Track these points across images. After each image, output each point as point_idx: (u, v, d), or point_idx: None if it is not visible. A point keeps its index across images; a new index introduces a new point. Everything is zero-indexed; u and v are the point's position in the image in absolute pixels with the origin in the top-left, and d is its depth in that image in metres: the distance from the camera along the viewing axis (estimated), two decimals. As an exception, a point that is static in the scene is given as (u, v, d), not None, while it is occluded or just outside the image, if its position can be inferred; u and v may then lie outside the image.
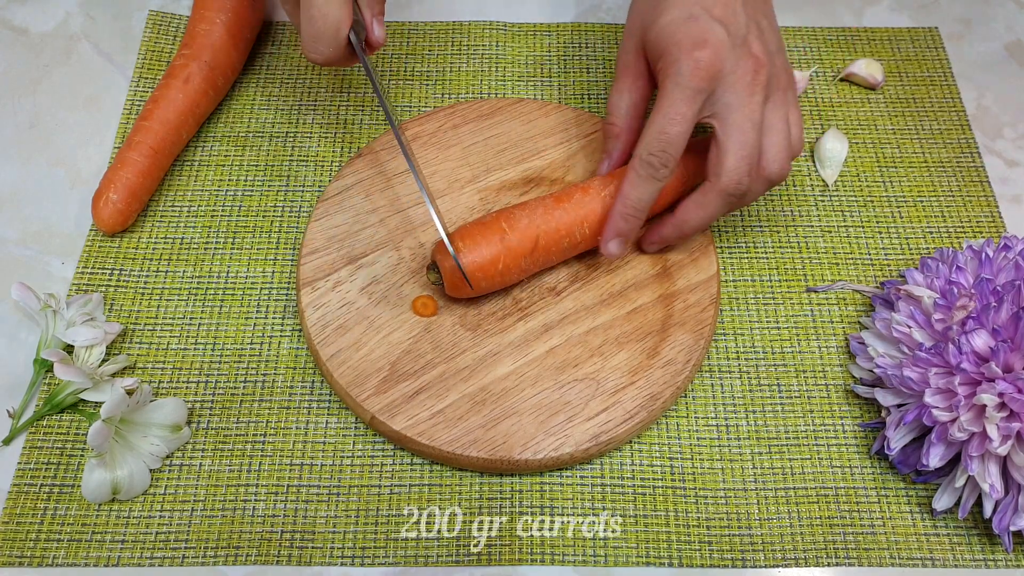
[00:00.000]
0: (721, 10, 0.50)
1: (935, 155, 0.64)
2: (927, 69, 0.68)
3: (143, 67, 0.66)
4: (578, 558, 0.50)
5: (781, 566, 0.50)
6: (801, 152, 0.54)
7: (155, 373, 0.54)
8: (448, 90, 0.66)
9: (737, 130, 0.50)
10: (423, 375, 0.52)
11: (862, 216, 0.62)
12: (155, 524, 0.50)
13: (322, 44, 0.50)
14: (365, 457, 0.52)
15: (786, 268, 0.59)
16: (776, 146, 0.51)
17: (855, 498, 0.52)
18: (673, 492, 0.52)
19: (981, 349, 0.48)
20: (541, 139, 0.61)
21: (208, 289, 0.57)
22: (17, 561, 0.49)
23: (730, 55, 0.49)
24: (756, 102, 0.50)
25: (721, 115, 0.50)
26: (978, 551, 0.51)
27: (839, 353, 0.56)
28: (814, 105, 0.66)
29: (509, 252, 0.52)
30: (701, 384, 0.55)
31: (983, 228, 0.61)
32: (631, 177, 0.51)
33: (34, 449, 0.52)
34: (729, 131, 0.50)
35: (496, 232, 0.52)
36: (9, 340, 0.55)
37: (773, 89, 0.51)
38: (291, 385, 0.54)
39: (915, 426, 0.51)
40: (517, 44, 0.68)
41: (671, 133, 0.49)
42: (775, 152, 0.51)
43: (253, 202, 0.61)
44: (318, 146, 0.63)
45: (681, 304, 0.55)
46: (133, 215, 0.58)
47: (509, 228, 0.52)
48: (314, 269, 0.55)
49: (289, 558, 0.49)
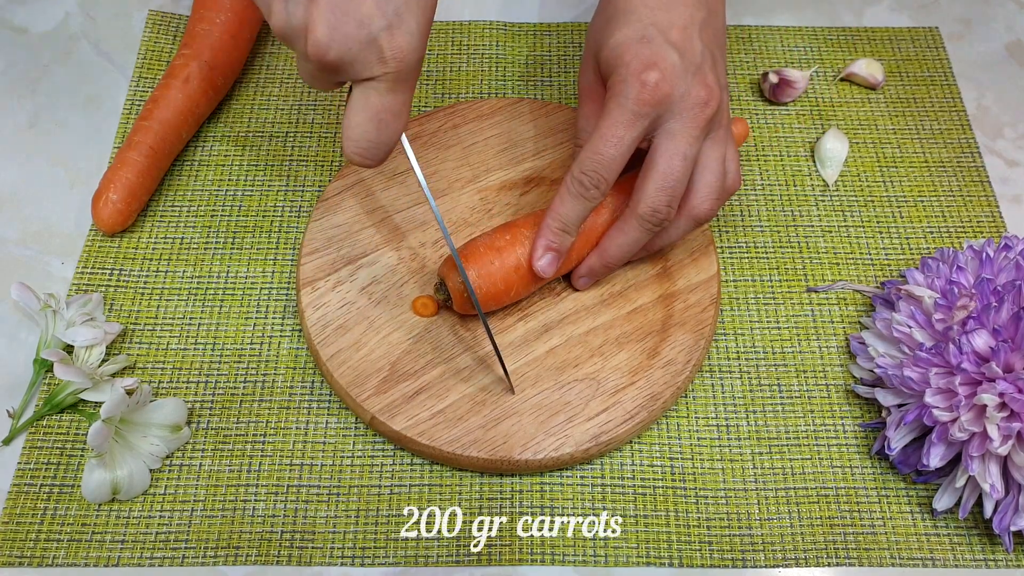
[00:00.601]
0: (678, 35, 0.48)
1: (935, 155, 0.64)
2: (927, 69, 0.68)
3: (143, 67, 0.66)
4: (578, 558, 0.50)
5: (781, 566, 0.50)
6: (736, 191, 0.53)
7: (155, 373, 0.54)
8: (448, 90, 0.66)
9: (667, 159, 0.48)
10: (423, 375, 0.52)
11: (862, 216, 0.61)
12: (155, 524, 0.50)
13: (384, 151, 0.46)
14: (365, 457, 0.52)
15: (786, 268, 0.59)
16: (708, 186, 0.50)
17: (855, 498, 0.52)
18: (673, 492, 0.52)
19: (982, 349, 0.48)
20: (541, 139, 0.61)
21: (208, 289, 0.57)
22: (17, 561, 0.49)
23: (681, 82, 0.48)
24: (696, 135, 0.48)
25: (658, 140, 0.49)
26: (978, 551, 0.51)
27: (839, 353, 0.56)
28: (814, 105, 0.66)
29: (521, 279, 0.52)
30: (701, 384, 0.55)
31: (983, 228, 0.61)
32: (562, 192, 0.50)
33: (34, 449, 0.52)
34: (658, 158, 0.49)
35: (510, 253, 0.51)
36: (9, 340, 0.55)
37: (716, 125, 0.50)
38: (291, 385, 0.54)
39: (915, 426, 0.51)
40: (517, 44, 0.68)
41: (605, 155, 0.48)
42: (706, 192, 0.50)
43: (253, 202, 0.61)
44: (318, 146, 0.63)
45: (681, 304, 0.55)
46: (133, 215, 0.58)
47: (520, 247, 0.52)
48: (314, 269, 0.55)
49: (289, 558, 0.49)
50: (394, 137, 0.45)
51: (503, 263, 0.51)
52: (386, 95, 0.43)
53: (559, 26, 0.69)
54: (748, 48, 0.69)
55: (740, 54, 0.68)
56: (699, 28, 0.49)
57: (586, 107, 0.53)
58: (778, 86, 0.65)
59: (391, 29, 0.41)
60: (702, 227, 0.56)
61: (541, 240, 0.51)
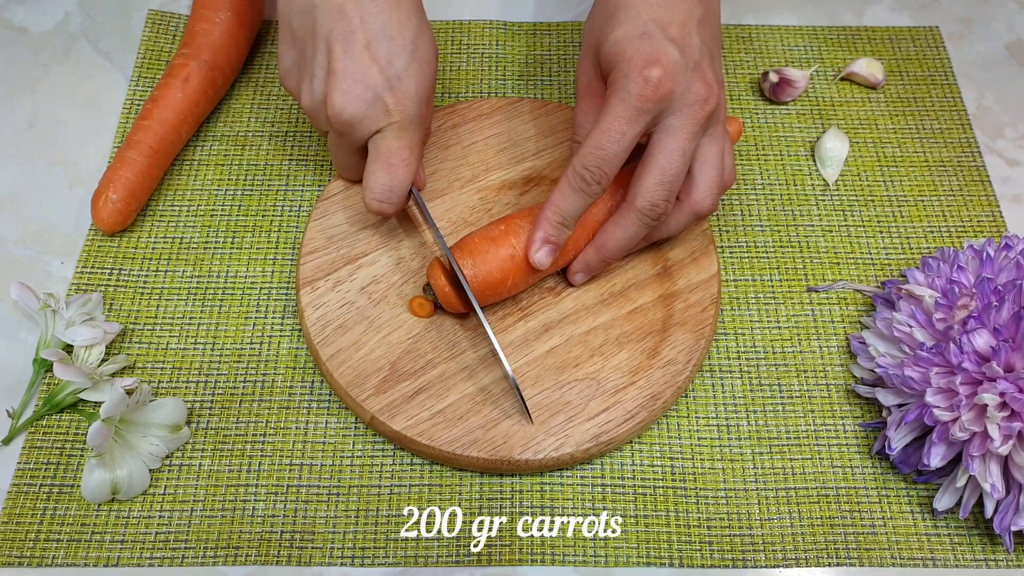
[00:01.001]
0: (677, 31, 0.49)
1: (936, 154, 0.64)
2: (928, 68, 0.68)
3: (142, 66, 0.66)
4: (578, 558, 0.50)
5: (782, 566, 0.50)
6: (732, 185, 0.53)
7: (155, 373, 0.54)
8: (448, 90, 0.66)
9: (666, 154, 0.49)
10: (423, 375, 0.52)
11: (863, 215, 0.61)
12: (155, 524, 0.50)
13: (397, 195, 0.52)
14: (365, 457, 0.52)
15: (787, 268, 0.59)
16: (709, 180, 0.51)
17: (856, 498, 0.52)
18: (674, 492, 0.52)
19: (982, 349, 0.48)
20: (541, 139, 0.61)
21: (208, 289, 0.57)
22: (17, 561, 0.49)
23: (681, 78, 0.48)
24: (695, 131, 0.49)
25: (657, 136, 0.49)
26: (979, 551, 0.51)
27: (840, 353, 0.56)
28: (815, 105, 0.66)
29: (517, 268, 0.52)
30: (702, 384, 0.55)
31: (984, 227, 0.61)
32: (563, 186, 0.50)
33: (34, 449, 0.52)
34: (657, 153, 0.49)
35: (504, 243, 0.52)
36: (9, 340, 0.55)
37: (714, 121, 0.50)
38: (291, 385, 0.54)
39: (916, 426, 0.51)
40: (517, 43, 0.68)
41: (607, 151, 0.48)
42: (707, 187, 0.51)
43: (253, 202, 0.61)
44: (318, 146, 0.63)
45: (682, 304, 0.55)
46: (133, 215, 0.58)
47: (515, 237, 0.52)
48: (314, 269, 0.55)
49: (289, 558, 0.49)
50: (405, 180, 0.51)
51: (498, 252, 0.51)
52: (392, 141, 0.51)
53: (559, 25, 0.69)
54: (748, 47, 0.69)
55: (740, 53, 0.68)
56: (697, 24, 0.50)
57: (584, 103, 0.53)
58: (778, 85, 0.65)
59: (393, 89, 0.50)
60: (700, 222, 0.56)
61: (539, 232, 0.51)
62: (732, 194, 0.62)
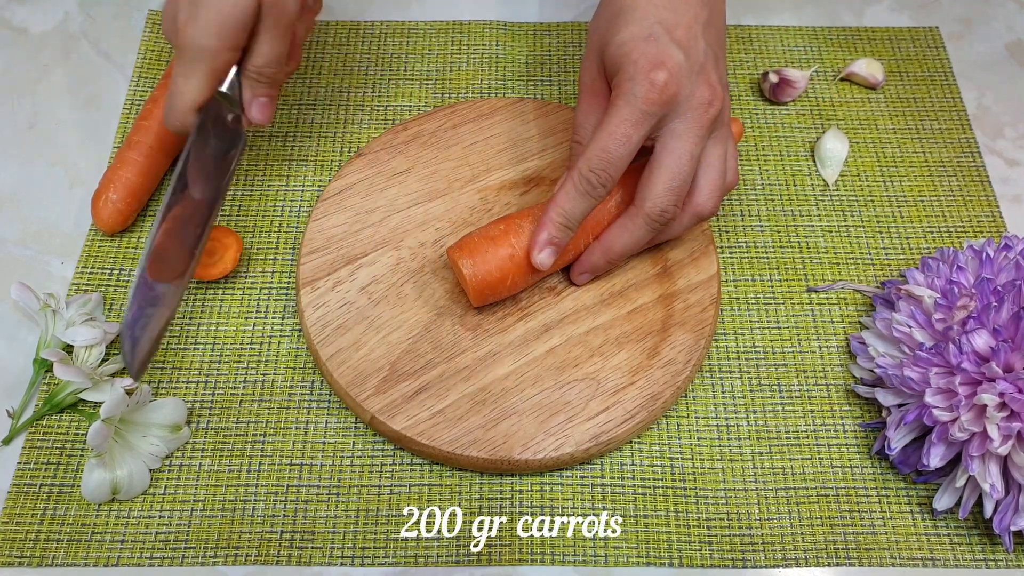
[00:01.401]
0: (683, 33, 0.49)
1: (936, 155, 0.64)
2: (928, 69, 0.68)
3: (142, 67, 0.66)
4: (578, 558, 0.50)
5: (781, 566, 0.50)
6: (735, 187, 0.54)
7: (155, 373, 0.54)
8: (448, 90, 0.66)
9: (675, 159, 0.49)
10: (423, 375, 0.52)
11: (863, 216, 0.61)
12: (155, 524, 0.50)
13: (172, 117, 0.52)
14: (365, 457, 0.52)
15: (786, 268, 0.59)
16: (712, 183, 0.51)
17: (855, 498, 0.52)
18: (673, 492, 0.52)
19: (982, 349, 0.48)
20: (541, 139, 0.61)
21: (208, 289, 0.57)
22: (17, 561, 0.49)
23: (687, 81, 0.48)
24: (701, 135, 0.49)
25: (664, 140, 0.49)
26: (979, 551, 0.51)
27: (840, 353, 0.56)
28: (814, 105, 0.66)
29: (516, 267, 0.52)
30: (701, 384, 0.55)
31: (984, 228, 0.61)
32: (568, 188, 0.50)
33: (34, 449, 0.52)
34: (666, 158, 0.49)
35: (504, 242, 0.52)
36: (9, 340, 0.55)
37: (719, 124, 0.50)
38: (291, 385, 0.54)
39: (916, 426, 0.51)
40: (517, 44, 0.68)
41: (613, 154, 0.48)
42: (710, 189, 0.51)
43: (253, 202, 0.61)
44: (318, 146, 0.63)
45: (681, 304, 0.55)
46: (133, 215, 0.58)
47: (515, 236, 0.52)
48: (314, 269, 0.55)
49: (289, 558, 0.49)
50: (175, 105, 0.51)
51: (497, 252, 0.51)
52: (176, 65, 0.51)
53: (559, 26, 0.69)
54: (748, 48, 0.69)
55: (740, 54, 0.68)
56: (703, 27, 0.50)
57: (586, 104, 0.53)
58: (778, 86, 0.65)
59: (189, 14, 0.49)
60: (702, 224, 0.56)
61: (543, 234, 0.51)
62: (732, 194, 0.62)
